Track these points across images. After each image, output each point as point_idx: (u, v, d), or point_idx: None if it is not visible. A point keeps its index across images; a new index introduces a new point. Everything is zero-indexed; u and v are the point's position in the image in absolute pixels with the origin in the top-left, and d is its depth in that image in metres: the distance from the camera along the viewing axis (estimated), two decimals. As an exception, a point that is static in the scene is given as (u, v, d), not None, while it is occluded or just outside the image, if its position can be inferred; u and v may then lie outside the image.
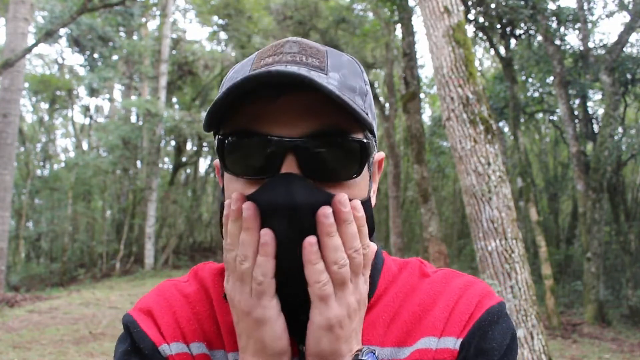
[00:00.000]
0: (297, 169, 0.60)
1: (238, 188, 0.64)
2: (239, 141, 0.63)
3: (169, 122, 18.50)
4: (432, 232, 10.28)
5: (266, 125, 0.62)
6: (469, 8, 11.62)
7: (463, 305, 0.72)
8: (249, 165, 0.63)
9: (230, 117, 0.64)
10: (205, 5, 21.99)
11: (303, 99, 0.61)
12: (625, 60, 11.83)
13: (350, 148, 0.63)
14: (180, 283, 0.81)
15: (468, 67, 4.39)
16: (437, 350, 0.70)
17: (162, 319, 0.74)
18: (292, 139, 0.61)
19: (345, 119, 0.63)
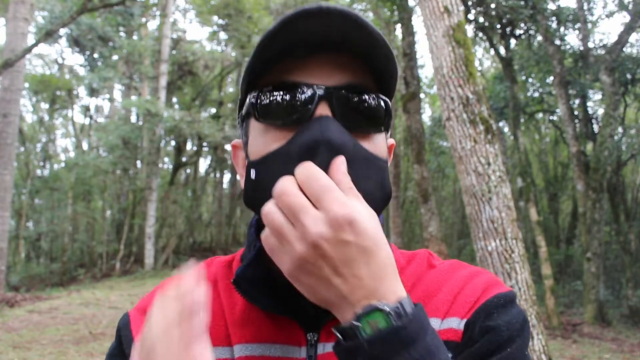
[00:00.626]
0: (329, 114, 0.63)
1: (269, 140, 0.65)
2: (274, 91, 0.65)
3: (169, 122, 18.50)
4: (432, 232, 10.29)
5: (300, 77, 0.65)
6: (469, 8, 11.62)
7: (469, 290, 0.71)
8: (285, 114, 0.64)
9: (263, 75, 0.67)
10: (205, 5, 22.00)
11: (336, 58, 0.65)
12: (625, 60, 11.84)
13: (377, 104, 0.67)
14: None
15: (468, 67, 4.39)
16: (440, 331, 0.68)
17: None
18: (326, 86, 0.64)
19: (372, 81, 0.67)
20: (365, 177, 0.63)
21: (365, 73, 0.67)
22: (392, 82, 0.68)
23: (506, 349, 0.65)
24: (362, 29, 0.61)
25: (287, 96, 0.64)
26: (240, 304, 0.73)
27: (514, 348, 0.65)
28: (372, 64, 0.66)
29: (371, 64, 0.66)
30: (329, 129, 0.61)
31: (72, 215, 19.41)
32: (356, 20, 0.60)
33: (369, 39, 0.62)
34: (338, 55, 0.65)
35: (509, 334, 0.66)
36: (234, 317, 0.72)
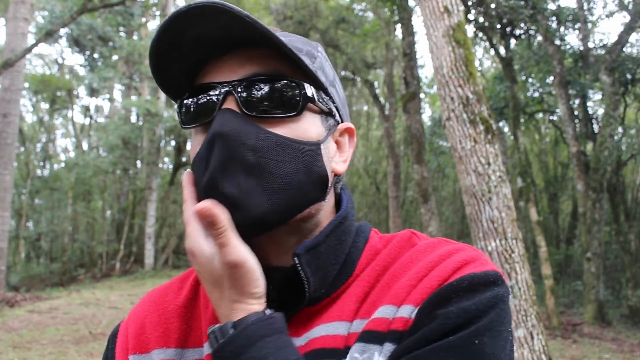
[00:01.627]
0: (235, 106, 0.65)
1: (194, 144, 0.68)
2: (190, 97, 0.69)
3: (169, 122, 18.50)
4: (432, 232, 10.28)
5: (211, 77, 0.67)
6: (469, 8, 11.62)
7: (438, 271, 0.63)
8: (200, 114, 0.67)
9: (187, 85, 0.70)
10: (205, 5, 21.97)
11: (247, 52, 0.66)
12: (625, 60, 11.84)
13: (286, 88, 0.66)
14: (165, 286, 0.82)
15: (468, 67, 4.39)
16: (393, 319, 0.62)
17: (130, 328, 0.76)
18: (230, 81, 0.65)
19: (289, 68, 0.67)
20: (277, 162, 0.63)
21: (280, 63, 0.66)
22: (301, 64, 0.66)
23: (446, 338, 0.57)
24: (235, 22, 0.62)
25: (198, 99, 0.67)
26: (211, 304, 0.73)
27: (459, 337, 0.57)
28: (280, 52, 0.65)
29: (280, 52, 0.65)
30: (224, 122, 0.63)
31: (72, 215, 19.40)
32: (234, 15, 0.61)
33: (247, 29, 0.63)
34: (249, 50, 0.66)
35: (456, 322, 0.58)
36: (207, 318, 0.72)
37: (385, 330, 0.62)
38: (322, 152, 0.68)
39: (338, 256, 0.70)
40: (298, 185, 0.64)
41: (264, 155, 0.62)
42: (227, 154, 0.62)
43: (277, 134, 0.64)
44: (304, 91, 0.67)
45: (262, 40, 0.64)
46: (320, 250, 0.67)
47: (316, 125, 0.69)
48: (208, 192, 0.63)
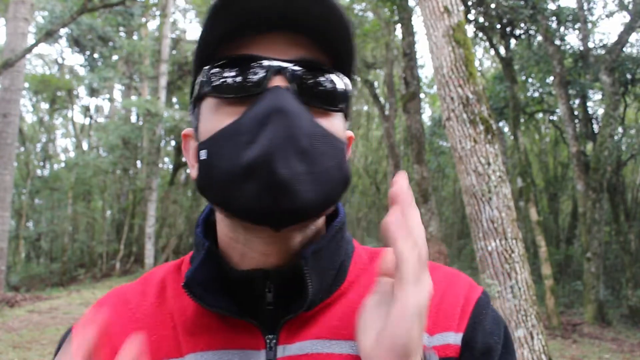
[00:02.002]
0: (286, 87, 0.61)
1: (221, 116, 0.61)
2: (227, 66, 0.62)
3: (169, 122, 18.50)
4: (432, 232, 10.29)
5: (255, 51, 0.62)
6: (469, 8, 11.62)
7: (451, 297, 0.67)
8: (243, 86, 0.61)
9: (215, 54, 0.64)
10: (205, 5, 21.99)
11: (292, 36, 0.62)
12: (625, 60, 11.84)
13: (335, 81, 0.64)
14: (125, 289, 0.74)
15: (468, 67, 4.39)
16: (436, 347, 0.64)
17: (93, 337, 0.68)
18: (282, 59, 0.61)
19: (330, 62, 0.64)
20: (322, 153, 0.60)
21: (321, 52, 0.64)
22: (350, 62, 0.65)
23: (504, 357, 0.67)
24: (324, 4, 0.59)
25: (241, 69, 0.61)
26: (191, 309, 0.67)
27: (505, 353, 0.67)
28: (330, 44, 0.63)
29: (329, 44, 0.63)
30: (283, 98, 0.58)
31: (72, 215, 19.40)
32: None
33: (330, 14, 0.60)
34: (293, 33, 0.62)
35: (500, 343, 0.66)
36: (185, 325, 0.66)
37: None
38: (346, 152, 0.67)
39: (335, 262, 0.69)
40: (334, 180, 0.62)
41: (314, 143, 0.59)
42: (287, 132, 0.57)
43: (323, 126, 0.61)
44: (347, 92, 0.66)
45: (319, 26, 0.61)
46: (322, 255, 0.66)
47: (342, 125, 0.68)
48: (255, 168, 0.57)
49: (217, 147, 0.61)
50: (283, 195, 0.57)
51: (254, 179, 0.57)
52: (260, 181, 0.57)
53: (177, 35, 22.46)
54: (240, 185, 0.58)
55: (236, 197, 0.59)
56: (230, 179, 0.59)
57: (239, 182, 0.58)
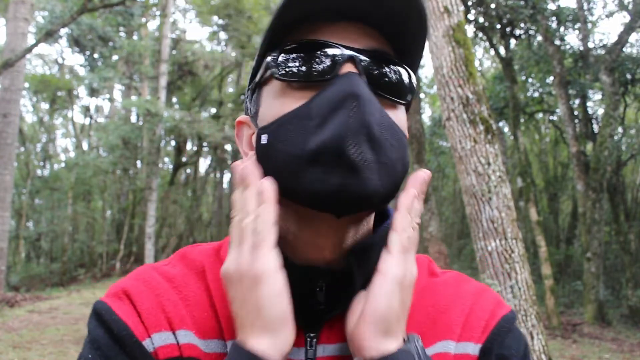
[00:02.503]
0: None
1: (286, 102, 0.61)
2: (297, 51, 0.62)
3: (169, 122, 18.50)
4: (432, 232, 10.29)
5: (326, 37, 0.61)
6: (469, 8, 11.62)
7: (479, 311, 0.70)
8: (313, 70, 0.60)
9: (283, 38, 0.63)
10: (205, 5, 22.00)
11: (361, 26, 0.62)
12: (625, 60, 11.84)
13: (403, 74, 0.64)
14: (161, 267, 0.71)
15: (468, 67, 4.39)
16: (455, 355, 0.66)
17: (142, 304, 0.65)
18: (353, 48, 0.61)
19: (396, 55, 0.64)
20: (391, 144, 0.59)
21: (389, 45, 0.64)
22: (419, 58, 0.66)
23: None
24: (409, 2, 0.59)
25: (311, 55, 0.60)
26: None
27: None
28: (401, 38, 0.63)
29: (400, 38, 0.63)
30: (357, 84, 0.57)
31: (72, 215, 19.40)
32: None
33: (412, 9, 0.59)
34: (364, 25, 0.62)
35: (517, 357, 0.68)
36: (227, 311, 0.64)
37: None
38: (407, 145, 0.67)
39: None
40: (398, 173, 0.61)
41: (384, 133, 0.58)
42: (361, 117, 0.56)
43: (391, 117, 0.61)
44: (413, 86, 0.66)
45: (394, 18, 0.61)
46: (371, 253, 0.65)
47: (405, 117, 0.68)
48: (325, 152, 0.55)
49: (282, 131, 0.60)
50: (352, 179, 0.56)
51: (323, 163, 0.56)
52: (329, 164, 0.56)
53: (177, 35, 22.45)
54: (307, 169, 0.57)
55: (301, 181, 0.58)
56: (295, 163, 0.58)
57: (305, 166, 0.57)
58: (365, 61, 0.60)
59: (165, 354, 0.62)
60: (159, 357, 0.62)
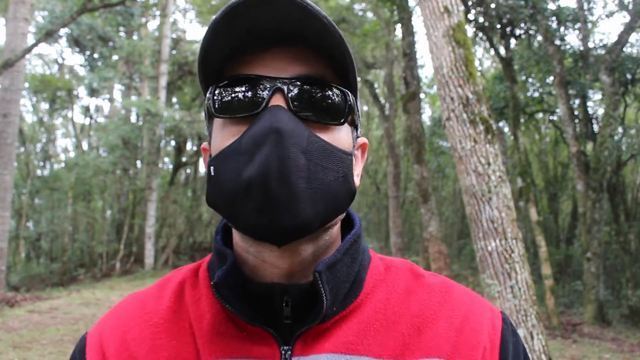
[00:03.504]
0: (285, 106, 0.62)
1: (226, 134, 0.64)
2: (231, 86, 0.64)
3: (169, 122, 18.50)
4: (432, 232, 10.28)
5: (256, 70, 0.64)
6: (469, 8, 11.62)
7: (474, 325, 0.69)
8: (241, 106, 0.63)
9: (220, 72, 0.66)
10: (205, 5, 21.99)
11: (292, 50, 0.64)
12: (625, 60, 11.83)
13: (335, 95, 0.65)
14: (142, 294, 0.75)
15: (468, 67, 4.39)
16: None
17: (111, 348, 0.68)
18: (281, 78, 0.63)
19: (331, 74, 0.66)
20: (323, 167, 0.61)
21: (323, 66, 0.65)
22: (350, 73, 0.66)
23: None
24: (314, 18, 0.60)
25: (242, 89, 0.63)
26: (209, 316, 0.68)
27: None
28: (328, 55, 0.65)
29: (327, 56, 0.65)
30: (279, 119, 0.59)
31: (72, 215, 19.40)
32: (306, 7, 0.59)
33: (322, 27, 0.61)
34: (294, 48, 0.64)
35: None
36: (203, 331, 0.67)
37: None
38: (353, 163, 0.69)
39: (350, 275, 0.69)
40: (337, 193, 0.63)
41: (313, 159, 0.61)
42: (281, 152, 0.58)
43: (324, 139, 0.63)
44: (350, 101, 0.66)
45: (315, 39, 0.62)
46: (337, 268, 0.66)
47: (348, 136, 0.69)
48: (252, 188, 0.58)
49: (222, 165, 0.63)
50: (280, 213, 0.58)
51: (253, 198, 0.59)
52: (257, 200, 0.59)
53: (177, 35, 22.45)
54: (243, 203, 0.60)
55: (240, 214, 0.61)
56: (233, 197, 0.61)
57: (241, 200, 0.60)
58: (291, 90, 0.62)
59: None
60: None
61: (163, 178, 22.47)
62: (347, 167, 0.66)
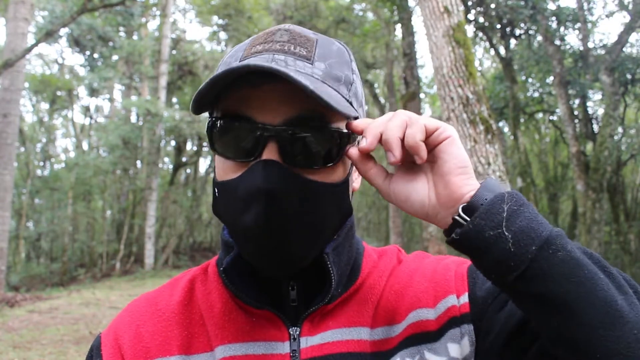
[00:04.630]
0: (277, 155, 0.65)
1: (226, 169, 0.68)
2: (227, 125, 0.68)
3: (169, 122, 18.49)
4: (432, 232, 10.28)
5: (252, 110, 0.66)
6: (469, 8, 11.62)
7: (441, 269, 0.77)
8: (236, 149, 0.67)
9: (220, 99, 0.68)
10: (205, 5, 21.99)
11: (285, 87, 0.64)
12: (625, 60, 11.83)
13: (327, 137, 0.67)
14: (154, 293, 0.81)
15: (468, 67, 4.38)
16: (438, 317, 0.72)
17: (126, 341, 0.73)
18: (273, 126, 0.65)
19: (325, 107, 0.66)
20: (316, 208, 0.66)
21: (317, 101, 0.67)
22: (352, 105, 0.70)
23: None
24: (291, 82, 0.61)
25: (238, 133, 0.66)
26: (219, 305, 0.74)
27: None
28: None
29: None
30: (270, 179, 0.63)
31: (72, 215, 19.40)
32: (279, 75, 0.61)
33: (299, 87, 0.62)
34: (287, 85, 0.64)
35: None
36: (214, 319, 0.73)
37: (435, 328, 0.71)
38: (349, 184, 0.73)
39: (350, 258, 0.76)
40: (330, 224, 0.70)
41: (306, 205, 0.65)
42: (273, 210, 0.63)
43: (316, 181, 0.67)
44: (343, 140, 0.68)
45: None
46: (339, 251, 0.73)
47: (344, 163, 0.72)
48: (249, 236, 0.65)
49: (224, 197, 0.69)
50: (275, 260, 0.66)
51: (251, 242, 0.66)
52: (255, 245, 0.66)
53: (177, 35, 22.45)
54: (243, 240, 0.68)
55: (242, 247, 0.69)
56: (234, 231, 0.69)
57: (242, 238, 0.68)
58: (283, 140, 0.65)
59: None
60: None
61: (163, 178, 22.46)
62: (340, 197, 0.70)
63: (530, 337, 0.65)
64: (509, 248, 0.58)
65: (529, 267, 0.57)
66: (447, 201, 0.65)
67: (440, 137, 0.65)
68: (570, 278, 0.56)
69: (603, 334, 0.55)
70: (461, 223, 0.62)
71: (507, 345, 0.67)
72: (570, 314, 0.56)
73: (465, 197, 0.64)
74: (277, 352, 0.70)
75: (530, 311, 0.60)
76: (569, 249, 0.58)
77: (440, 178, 0.66)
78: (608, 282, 0.58)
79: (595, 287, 0.57)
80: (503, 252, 0.58)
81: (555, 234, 0.59)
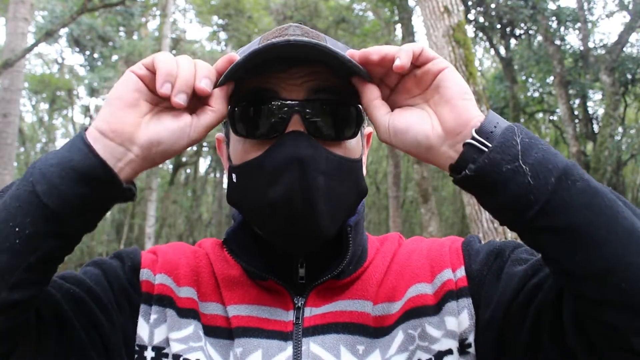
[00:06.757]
0: (302, 127, 0.68)
1: (247, 149, 0.71)
2: (252, 102, 0.70)
3: (169, 122, 18.46)
4: (432, 232, 10.28)
5: (276, 87, 0.70)
6: (469, 8, 11.62)
7: (438, 248, 0.79)
8: (261, 126, 0.70)
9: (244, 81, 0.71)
10: (205, 5, 21.99)
11: (308, 68, 0.69)
12: (625, 60, 11.83)
13: (346, 111, 0.71)
14: (182, 243, 0.89)
15: (468, 67, 4.39)
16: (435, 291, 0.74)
17: (161, 258, 0.81)
18: (297, 100, 0.68)
19: (342, 84, 0.71)
20: (340, 181, 0.69)
21: (336, 77, 0.71)
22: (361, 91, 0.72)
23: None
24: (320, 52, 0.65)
25: (262, 111, 0.69)
26: (232, 273, 0.79)
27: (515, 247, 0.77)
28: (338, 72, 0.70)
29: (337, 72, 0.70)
30: (299, 147, 0.66)
31: (72, 215, 19.39)
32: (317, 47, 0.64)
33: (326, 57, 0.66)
34: (312, 65, 0.69)
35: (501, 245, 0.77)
36: (226, 282, 0.78)
37: (433, 303, 0.73)
38: (362, 164, 0.77)
39: (362, 239, 0.81)
40: (351, 200, 0.73)
41: (331, 177, 0.68)
42: (304, 178, 0.65)
43: (338, 155, 0.70)
44: (360, 115, 0.73)
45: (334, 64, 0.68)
46: (358, 228, 0.78)
47: (358, 142, 0.76)
48: (278, 208, 0.66)
49: (245, 179, 0.71)
50: (302, 230, 0.68)
51: (278, 216, 0.67)
52: (282, 218, 0.67)
53: (177, 35, 22.46)
54: (267, 216, 0.69)
55: (264, 224, 0.71)
56: (259, 210, 0.70)
57: (266, 214, 0.69)
58: (308, 113, 0.68)
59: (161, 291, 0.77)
60: (154, 291, 0.77)
61: (163, 178, 22.46)
62: (358, 173, 0.74)
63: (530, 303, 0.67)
64: (528, 181, 0.56)
65: (549, 200, 0.55)
66: (455, 126, 0.62)
67: (439, 65, 0.64)
68: (592, 208, 0.55)
69: (630, 261, 0.53)
70: (472, 158, 0.60)
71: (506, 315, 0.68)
72: (595, 245, 0.54)
73: (474, 121, 0.62)
74: (281, 319, 0.74)
75: (550, 249, 0.58)
76: (586, 178, 0.57)
77: (445, 103, 0.63)
78: (626, 209, 0.57)
79: (616, 215, 0.55)
80: (522, 185, 0.56)
81: (572, 164, 0.58)
